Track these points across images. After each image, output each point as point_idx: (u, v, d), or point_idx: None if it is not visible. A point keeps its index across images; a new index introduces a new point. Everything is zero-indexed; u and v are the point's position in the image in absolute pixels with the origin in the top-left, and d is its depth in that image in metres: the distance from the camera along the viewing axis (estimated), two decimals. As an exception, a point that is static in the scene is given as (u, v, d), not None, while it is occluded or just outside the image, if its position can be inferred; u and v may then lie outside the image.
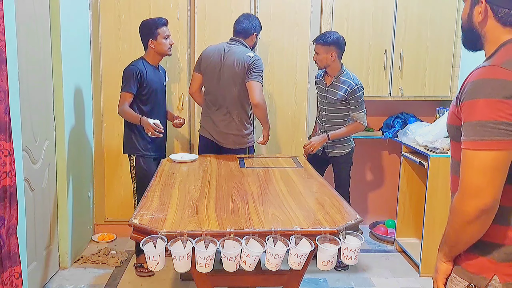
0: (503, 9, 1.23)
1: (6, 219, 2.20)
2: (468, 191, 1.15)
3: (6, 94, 2.16)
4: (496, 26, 1.25)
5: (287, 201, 2.17)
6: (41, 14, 2.83)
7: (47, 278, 2.99)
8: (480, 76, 1.16)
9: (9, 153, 2.19)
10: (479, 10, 1.26)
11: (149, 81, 3.08)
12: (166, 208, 2.03)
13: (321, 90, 3.29)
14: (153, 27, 3.06)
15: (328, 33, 3.15)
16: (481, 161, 1.13)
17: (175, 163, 2.95)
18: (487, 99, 1.12)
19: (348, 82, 3.15)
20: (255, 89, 2.99)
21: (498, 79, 1.13)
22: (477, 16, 1.28)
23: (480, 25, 1.28)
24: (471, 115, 1.15)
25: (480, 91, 1.14)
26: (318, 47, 3.13)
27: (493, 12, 1.24)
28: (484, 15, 1.26)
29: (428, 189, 3.14)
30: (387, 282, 3.13)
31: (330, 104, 3.22)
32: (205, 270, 1.69)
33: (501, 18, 1.24)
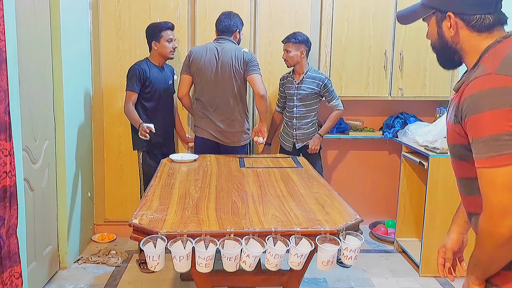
0: (474, 16, 1.18)
1: (6, 219, 2.20)
2: (497, 212, 1.06)
3: (6, 94, 2.16)
4: (471, 35, 1.19)
5: (287, 201, 2.17)
6: (41, 14, 2.83)
7: (47, 278, 2.99)
8: (478, 87, 1.09)
9: (9, 153, 2.19)
10: (448, 24, 1.21)
11: (152, 80, 3.20)
12: (166, 208, 2.03)
13: (290, 89, 3.40)
14: (157, 30, 3.18)
15: (297, 33, 3.32)
16: (504, 177, 1.04)
17: (175, 163, 2.95)
18: (494, 111, 1.05)
19: (318, 77, 3.37)
20: (259, 81, 3.10)
21: (499, 87, 1.06)
22: (448, 31, 1.22)
23: (454, 39, 1.22)
24: (479, 130, 1.07)
25: (483, 104, 1.07)
26: (290, 45, 3.29)
27: (465, 22, 1.19)
28: (455, 28, 1.20)
29: (428, 189, 3.14)
30: (387, 282, 3.13)
31: (301, 99, 3.37)
32: (205, 270, 1.69)
33: (475, 26, 1.18)
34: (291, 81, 3.40)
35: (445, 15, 1.21)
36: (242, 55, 3.12)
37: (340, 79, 3.66)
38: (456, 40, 1.22)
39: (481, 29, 1.18)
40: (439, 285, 3.11)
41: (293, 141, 3.45)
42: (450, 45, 1.23)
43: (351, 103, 3.87)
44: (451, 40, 1.23)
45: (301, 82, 3.36)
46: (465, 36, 1.20)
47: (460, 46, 1.22)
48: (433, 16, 1.25)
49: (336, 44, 3.61)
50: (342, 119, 3.93)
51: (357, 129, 3.91)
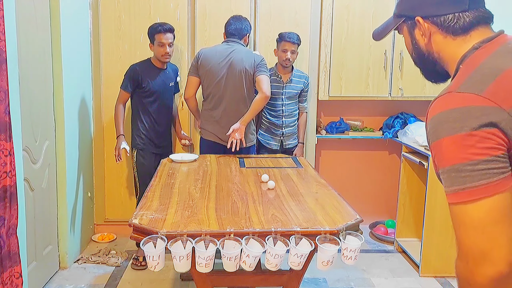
0: (445, 16, 1.03)
1: (6, 219, 2.20)
2: (472, 257, 0.89)
3: (6, 94, 2.16)
4: (446, 40, 1.05)
5: (287, 201, 2.17)
6: (41, 14, 2.84)
7: (47, 278, 2.99)
8: (436, 109, 0.96)
9: (9, 153, 2.19)
10: (420, 32, 1.09)
11: (149, 81, 3.21)
12: (166, 208, 2.03)
13: (277, 88, 3.40)
14: (152, 32, 3.18)
15: (296, 33, 3.34)
16: (473, 216, 0.88)
17: (175, 163, 2.95)
18: (451, 136, 0.90)
19: (303, 75, 3.50)
20: (266, 81, 3.10)
21: (457, 108, 0.91)
22: (421, 39, 1.09)
23: (428, 47, 1.09)
24: (441, 160, 0.93)
25: (440, 128, 0.93)
26: (296, 46, 3.33)
27: (437, 25, 1.05)
28: (427, 34, 1.07)
29: (428, 189, 3.14)
30: (387, 282, 3.13)
31: (289, 98, 3.44)
32: (205, 270, 1.69)
33: (449, 28, 1.03)
34: (278, 80, 3.41)
35: (414, 21, 1.09)
36: (253, 57, 3.12)
37: (340, 79, 3.66)
38: (431, 48, 1.08)
39: (456, 32, 1.03)
40: (439, 285, 3.11)
41: (280, 139, 3.48)
42: (427, 55, 1.10)
43: (351, 103, 3.87)
44: (426, 49, 1.10)
45: (289, 82, 3.42)
46: (439, 42, 1.06)
47: (438, 54, 1.08)
48: (404, 25, 1.14)
49: (336, 44, 3.61)
50: (342, 119, 3.93)
51: (357, 129, 3.91)
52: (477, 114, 0.89)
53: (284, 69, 3.41)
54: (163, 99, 3.32)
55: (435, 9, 1.04)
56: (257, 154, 3.43)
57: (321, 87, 3.67)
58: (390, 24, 1.18)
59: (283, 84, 3.42)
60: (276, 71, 3.44)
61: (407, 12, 1.12)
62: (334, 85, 3.66)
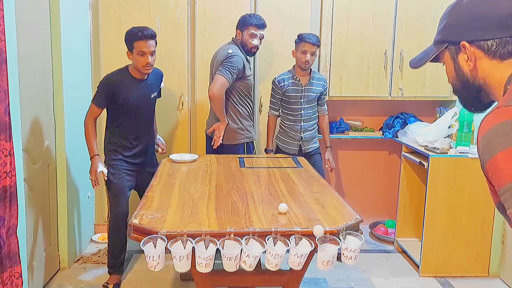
0: (493, 41, 1.00)
1: (6, 219, 2.20)
2: None
3: (6, 94, 2.16)
4: (493, 64, 1.01)
5: (287, 201, 2.16)
6: (41, 14, 2.84)
7: (47, 278, 2.99)
8: (486, 127, 0.91)
9: (9, 153, 2.19)
10: (465, 57, 1.04)
11: (126, 96, 2.82)
12: (166, 208, 2.03)
13: (295, 92, 3.30)
14: (130, 39, 2.76)
15: (315, 35, 3.26)
16: None
17: (175, 163, 2.95)
18: (507, 149, 0.85)
19: (322, 78, 3.39)
20: (215, 81, 3.04)
21: (507, 121, 0.87)
22: (466, 65, 1.04)
23: (474, 73, 1.04)
24: (500, 178, 0.86)
25: (493, 145, 0.87)
26: (316, 48, 3.22)
27: (483, 50, 1.01)
28: (473, 59, 1.02)
29: (428, 189, 3.14)
30: (387, 282, 3.13)
31: (308, 102, 3.33)
32: (205, 270, 1.69)
33: (496, 52, 1.00)
34: (296, 84, 3.29)
35: (459, 46, 1.04)
36: (223, 55, 3.11)
37: (340, 79, 3.66)
38: (476, 74, 1.03)
39: (504, 56, 0.99)
40: (439, 285, 3.11)
41: (299, 144, 3.38)
42: (472, 81, 1.05)
43: (351, 103, 3.87)
44: (471, 75, 1.04)
45: (308, 85, 3.30)
46: (486, 67, 1.01)
47: (483, 80, 1.03)
48: (446, 51, 1.09)
49: (336, 44, 3.61)
50: (343, 119, 3.93)
51: (357, 129, 3.91)
52: None
53: (303, 72, 3.29)
54: (144, 114, 2.96)
55: (482, 34, 1.00)
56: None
57: (321, 87, 3.67)
58: (431, 51, 1.12)
59: (301, 88, 3.30)
60: (294, 74, 3.31)
61: (451, 37, 1.06)
62: (334, 85, 3.66)
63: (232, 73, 3.04)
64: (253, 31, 3.14)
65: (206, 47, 3.57)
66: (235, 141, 3.22)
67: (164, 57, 3.58)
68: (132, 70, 2.85)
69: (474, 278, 3.18)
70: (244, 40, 3.16)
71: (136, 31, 2.74)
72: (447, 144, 3.25)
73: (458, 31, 1.04)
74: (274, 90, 3.36)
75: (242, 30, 3.17)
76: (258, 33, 3.16)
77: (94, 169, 2.82)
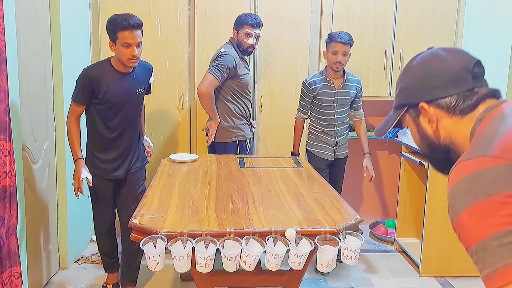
0: (451, 97, 0.97)
1: (6, 219, 2.20)
2: None
3: (6, 94, 2.16)
4: (455, 122, 0.98)
5: (287, 201, 2.17)
6: (41, 14, 2.84)
7: (47, 278, 2.99)
8: (449, 184, 0.86)
9: (9, 153, 2.19)
10: (425, 119, 1.02)
11: (107, 91, 2.51)
12: (166, 208, 2.03)
13: (328, 95, 3.13)
14: (113, 28, 2.45)
15: (347, 33, 3.07)
16: None
17: (175, 163, 2.95)
18: (467, 209, 0.79)
19: (355, 79, 3.20)
20: (203, 79, 3.07)
21: (467, 177, 0.81)
22: (428, 127, 1.01)
23: (437, 134, 1.01)
24: (466, 240, 0.81)
25: (457, 205, 0.82)
26: (348, 47, 3.04)
27: (443, 108, 0.98)
28: (435, 120, 1.00)
29: (428, 189, 3.14)
30: (387, 282, 3.13)
31: (342, 106, 3.18)
32: (205, 270, 1.69)
33: (455, 109, 0.97)
34: (329, 87, 3.12)
35: (418, 108, 1.01)
36: (215, 54, 3.15)
37: (340, 79, 3.66)
38: (441, 134, 1.00)
39: (464, 111, 0.96)
40: (439, 285, 3.11)
41: (333, 149, 3.24)
42: (438, 142, 1.01)
43: (351, 103, 3.87)
44: (436, 136, 1.01)
45: (342, 87, 3.14)
46: (449, 125, 0.98)
47: (449, 140, 0.99)
48: (407, 115, 1.06)
49: (336, 44, 3.61)
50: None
51: (357, 129, 3.91)
52: (490, 176, 0.78)
53: (335, 73, 3.10)
54: (128, 112, 2.63)
55: (438, 92, 0.99)
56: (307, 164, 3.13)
57: (321, 87, 3.67)
58: (392, 117, 1.10)
59: (335, 91, 3.13)
60: (326, 76, 3.13)
61: (409, 100, 1.04)
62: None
63: (222, 72, 3.06)
64: (248, 30, 3.13)
65: (206, 47, 3.57)
66: (226, 139, 3.23)
67: (164, 57, 3.58)
68: (115, 62, 2.54)
69: (474, 278, 3.18)
70: (240, 40, 3.16)
71: (121, 19, 2.41)
72: (447, 144, 3.26)
73: (415, 92, 1.02)
74: (304, 93, 3.19)
75: (238, 29, 3.18)
76: (253, 32, 3.15)
77: (77, 175, 2.51)
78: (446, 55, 1.02)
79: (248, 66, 3.32)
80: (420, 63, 1.04)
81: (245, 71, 3.22)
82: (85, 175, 2.52)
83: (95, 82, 2.48)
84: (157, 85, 3.60)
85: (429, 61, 1.03)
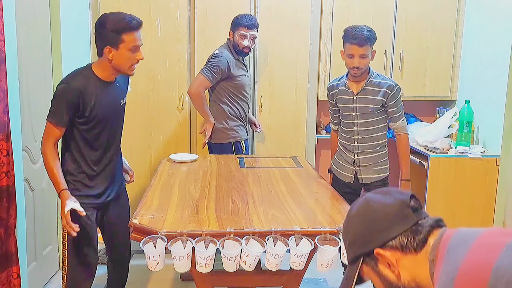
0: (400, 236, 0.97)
1: (5, 219, 2.20)
2: None
3: (5, 94, 2.16)
4: (412, 260, 0.97)
5: (287, 201, 2.17)
6: (41, 14, 2.83)
7: (47, 278, 2.99)
8: None
9: (8, 153, 2.19)
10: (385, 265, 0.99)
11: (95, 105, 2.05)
12: (166, 208, 2.03)
13: (345, 102, 2.60)
14: (118, 29, 2.02)
15: (368, 29, 2.48)
16: None
17: (175, 163, 2.95)
18: None
19: (385, 83, 2.52)
20: (194, 79, 3.13)
21: None
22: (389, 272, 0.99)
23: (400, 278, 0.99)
24: None
25: None
26: (367, 48, 2.44)
27: (397, 249, 0.97)
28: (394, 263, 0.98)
29: (428, 189, 3.14)
30: (387, 282, 3.12)
31: (363, 116, 2.56)
32: (205, 270, 1.69)
33: (409, 247, 0.97)
34: (346, 92, 2.59)
35: (374, 255, 1.00)
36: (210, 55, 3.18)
37: (340, 79, 3.65)
38: (404, 278, 0.98)
39: (418, 247, 0.97)
40: (439, 285, 3.11)
41: (354, 169, 2.64)
42: (403, 287, 0.99)
43: (351, 103, 3.87)
44: (400, 281, 0.99)
45: (361, 93, 2.54)
46: (408, 265, 0.97)
47: (414, 281, 0.98)
48: (364, 267, 1.03)
49: (336, 44, 3.61)
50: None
51: (357, 129, 3.90)
52: None
53: (354, 78, 2.55)
54: (112, 128, 2.19)
55: (387, 234, 0.98)
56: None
57: (321, 87, 3.67)
58: (351, 272, 1.05)
59: (352, 97, 2.57)
60: (345, 80, 2.61)
61: (362, 250, 1.02)
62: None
63: (213, 73, 3.08)
64: (243, 32, 3.13)
65: (206, 48, 3.57)
66: (221, 140, 3.24)
67: (164, 57, 3.58)
68: (100, 70, 2.08)
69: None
70: (236, 41, 3.16)
71: (128, 18, 2.06)
72: (447, 144, 3.25)
73: (365, 241, 1.01)
74: (328, 99, 2.76)
75: (234, 31, 3.18)
76: (248, 34, 3.14)
77: (64, 209, 2.02)
78: (381, 197, 1.04)
79: (246, 68, 3.32)
80: (359, 212, 1.05)
81: (241, 72, 3.21)
82: (71, 206, 2.01)
83: (80, 95, 1.99)
84: (157, 85, 3.60)
85: (368, 207, 1.04)
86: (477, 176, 3.15)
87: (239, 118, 3.28)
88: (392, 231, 0.98)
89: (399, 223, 0.98)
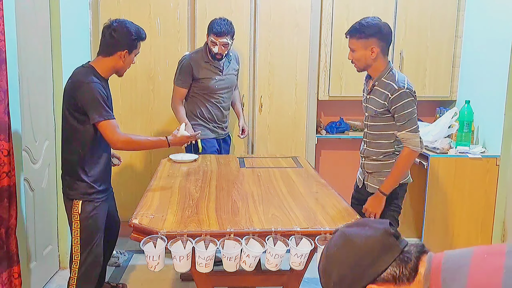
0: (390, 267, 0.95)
1: (5, 219, 2.20)
2: None
3: (6, 94, 2.16)
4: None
5: (287, 201, 2.17)
6: (41, 14, 2.84)
7: (47, 278, 2.99)
8: None
9: (9, 153, 2.19)
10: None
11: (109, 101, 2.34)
12: (166, 208, 2.03)
13: (364, 100, 2.43)
14: (137, 38, 2.31)
15: (365, 22, 2.23)
16: None
17: (175, 163, 2.95)
18: None
19: (391, 84, 2.21)
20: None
21: None
22: None
23: None
24: None
25: None
26: (353, 41, 2.24)
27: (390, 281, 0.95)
28: None
29: (428, 189, 3.14)
30: (387, 282, 3.13)
31: (371, 118, 2.36)
32: (205, 270, 1.69)
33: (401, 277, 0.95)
34: (365, 88, 2.43)
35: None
36: None
37: (340, 79, 3.66)
38: None
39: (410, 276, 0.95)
40: (439, 285, 3.11)
41: (363, 174, 2.47)
42: None
43: (351, 103, 3.87)
44: None
45: (372, 93, 2.32)
46: None
47: None
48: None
49: (336, 44, 3.61)
50: (343, 119, 3.92)
51: (357, 129, 3.91)
52: None
53: (371, 73, 2.33)
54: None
55: (377, 267, 0.95)
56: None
57: (321, 87, 3.67)
58: None
59: (365, 96, 2.40)
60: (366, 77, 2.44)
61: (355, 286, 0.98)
62: (334, 85, 3.66)
63: (178, 78, 3.19)
64: (213, 39, 3.04)
65: (206, 47, 3.57)
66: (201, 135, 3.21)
67: (164, 57, 3.58)
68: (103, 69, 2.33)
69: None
70: (209, 46, 3.11)
71: (142, 31, 2.34)
72: (447, 144, 3.25)
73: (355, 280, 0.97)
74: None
75: (207, 35, 3.11)
76: (218, 41, 3.02)
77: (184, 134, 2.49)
78: (359, 230, 1.00)
79: (221, 71, 3.20)
80: (340, 250, 1.00)
81: (208, 75, 3.15)
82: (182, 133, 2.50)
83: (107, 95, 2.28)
84: (157, 85, 3.60)
85: (349, 243, 0.99)
86: (477, 176, 3.15)
87: (200, 117, 3.23)
88: (381, 263, 0.95)
89: (386, 254, 0.95)
